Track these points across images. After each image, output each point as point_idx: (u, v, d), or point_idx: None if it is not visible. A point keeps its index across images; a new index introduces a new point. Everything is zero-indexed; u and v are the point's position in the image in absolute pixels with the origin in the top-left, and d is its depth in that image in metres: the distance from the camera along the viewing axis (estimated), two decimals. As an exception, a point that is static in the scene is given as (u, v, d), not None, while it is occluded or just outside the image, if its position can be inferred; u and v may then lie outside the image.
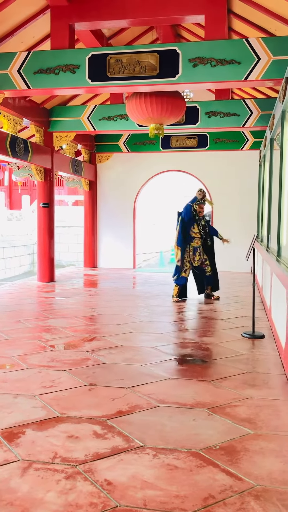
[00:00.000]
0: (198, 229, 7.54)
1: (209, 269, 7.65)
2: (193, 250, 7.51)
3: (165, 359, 4.30)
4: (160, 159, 11.66)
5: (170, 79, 5.78)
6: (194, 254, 7.52)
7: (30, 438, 2.73)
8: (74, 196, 23.92)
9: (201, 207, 7.60)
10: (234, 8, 6.52)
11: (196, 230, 7.52)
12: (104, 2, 6.25)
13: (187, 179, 12.71)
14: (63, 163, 10.00)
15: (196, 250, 7.52)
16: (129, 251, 12.22)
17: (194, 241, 7.51)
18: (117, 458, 2.50)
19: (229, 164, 11.30)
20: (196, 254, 7.52)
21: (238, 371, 3.95)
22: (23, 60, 6.10)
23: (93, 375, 3.83)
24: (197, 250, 7.52)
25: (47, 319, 6.01)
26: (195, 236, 7.51)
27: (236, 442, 2.70)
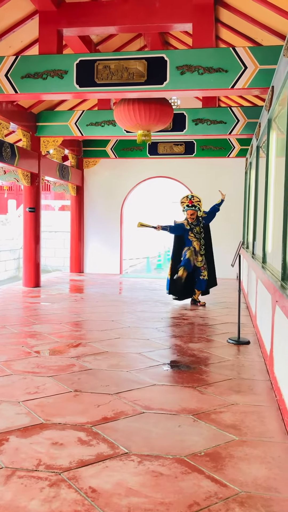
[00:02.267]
0: (194, 235, 7.62)
1: (205, 273, 7.67)
2: (194, 251, 7.58)
3: (151, 365, 4.29)
4: (147, 165, 11.70)
5: (158, 86, 5.81)
6: (196, 255, 7.60)
7: (14, 445, 2.70)
8: (61, 201, 23.85)
9: (190, 213, 7.62)
10: (222, 17, 6.60)
11: (192, 235, 7.62)
12: (92, 8, 6.28)
13: (175, 185, 12.76)
14: (50, 168, 9.97)
15: (197, 252, 7.60)
16: (115, 257, 12.21)
17: (194, 243, 7.60)
18: (102, 465, 2.49)
19: (215, 171, 11.38)
20: (198, 255, 7.61)
21: (224, 377, 3.96)
22: (11, 65, 6.08)
23: (78, 381, 3.80)
24: (198, 252, 7.60)
25: (32, 324, 5.96)
26: (193, 240, 7.61)
27: (221, 448, 2.70)
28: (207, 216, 7.78)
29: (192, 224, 7.66)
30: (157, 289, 9.66)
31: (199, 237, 7.67)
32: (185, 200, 7.72)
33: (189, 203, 7.64)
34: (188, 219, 7.64)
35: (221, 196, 7.94)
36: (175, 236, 7.82)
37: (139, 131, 6.76)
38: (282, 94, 4.24)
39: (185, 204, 7.69)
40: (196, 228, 7.67)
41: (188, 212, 7.62)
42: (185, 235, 7.66)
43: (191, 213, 7.60)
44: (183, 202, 7.72)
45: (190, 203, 7.63)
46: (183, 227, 7.67)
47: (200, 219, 7.73)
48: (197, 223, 7.69)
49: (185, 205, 7.67)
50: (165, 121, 6.73)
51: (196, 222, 7.67)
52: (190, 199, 7.68)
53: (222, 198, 7.93)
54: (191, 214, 7.60)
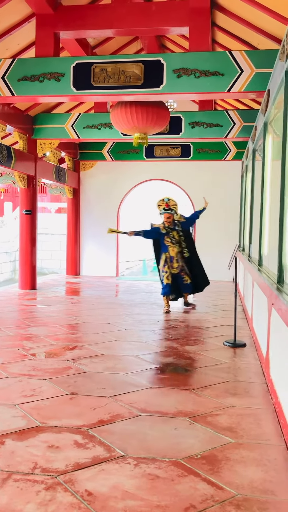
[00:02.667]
0: (170, 240, 7.34)
1: (186, 278, 7.46)
2: (170, 258, 7.34)
3: (147, 368, 4.29)
4: (144, 168, 11.71)
5: (155, 89, 5.82)
6: (171, 261, 7.34)
7: (10, 448, 2.69)
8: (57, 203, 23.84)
9: (166, 217, 7.36)
10: (218, 21, 6.63)
11: (168, 239, 7.34)
12: (89, 11, 6.29)
13: (171, 188, 12.78)
14: (46, 170, 9.97)
15: (172, 258, 7.33)
16: (112, 259, 12.21)
17: (169, 249, 7.33)
18: (98, 468, 2.48)
19: (211, 174, 11.41)
20: (174, 262, 7.35)
21: (220, 380, 3.97)
22: (8, 67, 6.08)
23: (74, 384, 3.80)
24: (174, 258, 7.34)
25: (28, 327, 5.95)
26: (169, 245, 7.34)
27: (217, 451, 2.70)
28: (185, 222, 7.54)
29: (169, 228, 7.37)
30: (154, 292, 9.65)
31: (176, 242, 7.37)
32: (161, 203, 7.43)
33: (165, 206, 7.36)
34: (164, 223, 7.37)
35: (204, 203, 7.84)
36: (154, 241, 7.60)
37: (136, 134, 6.77)
38: (278, 97, 4.27)
39: (161, 207, 7.41)
40: (173, 233, 7.37)
41: (165, 216, 7.35)
42: (161, 239, 7.39)
43: (167, 217, 7.33)
44: (160, 205, 7.43)
45: (167, 206, 7.34)
46: (158, 231, 7.41)
47: (177, 223, 7.46)
48: (174, 227, 7.40)
49: (162, 208, 7.40)
50: (161, 124, 6.75)
51: (172, 226, 7.39)
52: (166, 202, 7.39)
53: (205, 206, 7.82)
54: (167, 217, 7.33)
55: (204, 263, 11.49)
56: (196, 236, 11.89)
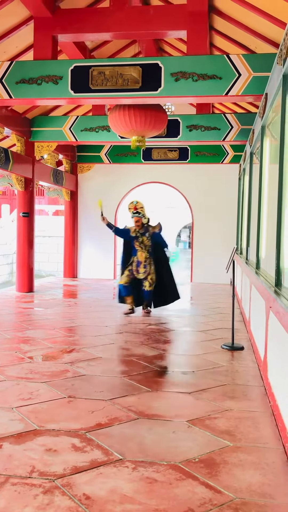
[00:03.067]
0: (139, 244, 7.07)
1: (147, 284, 7.06)
2: (137, 263, 7.03)
3: (145, 371, 4.29)
4: (142, 171, 11.72)
5: (153, 92, 5.84)
6: (138, 266, 7.02)
7: (7, 451, 2.68)
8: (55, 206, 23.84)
9: (135, 220, 7.08)
10: (216, 25, 6.65)
11: (137, 243, 7.08)
12: (87, 15, 6.30)
13: (169, 191, 12.80)
14: (44, 172, 9.96)
15: (140, 263, 7.03)
16: (109, 262, 12.20)
17: (138, 253, 7.05)
18: (96, 471, 2.47)
19: (209, 177, 11.43)
20: (140, 266, 7.02)
21: (218, 383, 3.96)
22: (5, 70, 6.09)
23: (72, 387, 3.79)
24: (141, 263, 7.03)
25: (26, 330, 5.94)
26: (138, 249, 7.08)
27: (215, 454, 2.69)
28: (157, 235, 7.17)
29: (139, 233, 7.09)
30: (151, 295, 9.64)
31: (144, 247, 7.08)
32: (131, 206, 7.15)
33: (134, 209, 7.07)
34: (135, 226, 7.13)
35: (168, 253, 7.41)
36: (124, 242, 7.35)
37: (134, 137, 6.78)
38: (275, 101, 4.28)
39: (131, 211, 7.14)
40: (142, 238, 7.08)
41: (134, 219, 7.09)
42: (131, 242, 7.15)
43: (136, 220, 7.06)
44: (130, 208, 7.17)
45: (135, 209, 7.06)
46: (128, 233, 7.16)
47: (148, 230, 7.14)
48: (144, 233, 7.09)
49: (131, 212, 7.13)
50: (159, 127, 6.76)
51: (143, 230, 7.09)
52: (135, 205, 7.09)
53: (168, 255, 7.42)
54: (136, 221, 7.06)
55: (202, 265, 11.59)
56: (194, 238, 11.91)
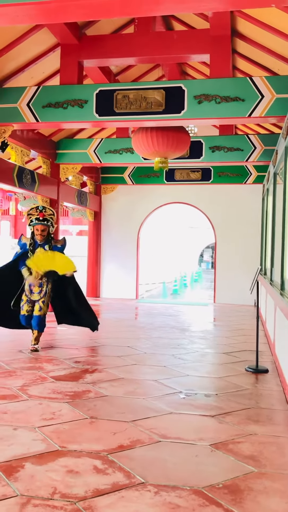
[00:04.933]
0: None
1: (37, 308, 5.79)
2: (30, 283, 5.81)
3: (168, 393, 4.24)
4: (164, 191, 11.81)
5: (176, 115, 5.92)
6: (31, 285, 5.81)
7: (29, 472, 2.67)
8: (79, 226, 24.10)
9: (41, 229, 5.81)
10: (238, 48, 6.74)
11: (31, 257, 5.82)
12: (112, 40, 6.49)
13: (193, 211, 12.83)
14: (69, 194, 10.13)
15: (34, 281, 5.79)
16: (132, 282, 12.23)
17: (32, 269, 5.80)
18: (118, 495, 2.44)
19: (232, 197, 11.43)
20: (34, 286, 5.80)
21: (242, 406, 3.89)
22: (33, 94, 6.28)
23: (94, 408, 3.77)
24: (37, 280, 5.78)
25: (49, 349, 5.96)
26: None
27: (239, 480, 2.63)
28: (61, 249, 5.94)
29: (36, 244, 5.85)
30: (173, 315, 9.61)
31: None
32: (33, 212, 5.86)
33: (40, 216, 5.80)
34: (36, 236, 5.83)
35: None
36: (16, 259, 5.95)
37: (157, 159, 6.86)
38: (299, 122, 4.28)
39: (33, 217, 5.83)
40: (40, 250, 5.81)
41: (38, 228, 5.79)
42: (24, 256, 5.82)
43: (42, 229, 5.79)
44: (31, 215, 5.85)
45: (42, 216, 5.80)
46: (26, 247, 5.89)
47: (50, 241, 5.90)
48: (43, 244, 5.83)
49: (34, 218, 5.83)
50: (182, 149, 6.83)
51: (44, 242, 5.84)
52: (41, 211, 5.82)
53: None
54: (42, 230, 5.79)
55: (225, 286, 11.50)
56: (217, 259, 11.86)
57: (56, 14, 4.03)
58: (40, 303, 5.78)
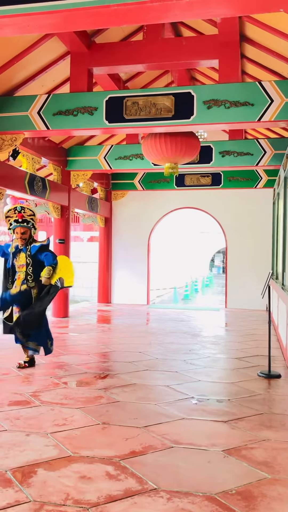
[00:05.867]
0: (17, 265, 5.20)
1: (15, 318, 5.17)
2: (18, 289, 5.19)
3: (180, 398, 4.23)
4: (174, 196, 11.82)
5: (185, 121, 5.93)
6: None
7: (42, 478, 2.68)
8: (90, 232, 24.21)
9: (21, 231, 5.17)
10: (247, 53, 6.75)
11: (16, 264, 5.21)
12: (121, 48, 6.53)
13: (203, 216, 12.82)
14: (79, 200, 10.19)
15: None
16: (143, 287, 12.23)
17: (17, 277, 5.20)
18: (130, 501, 2.44)
19: (242, 202, 11.40)
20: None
21: (254, 412, 3.86)
22: (43, 103, 6.34)
23: (106, 414, 3.77)
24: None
25: (61, 355, 5.98)
26: (18, 271, 5.21)
27: (252, 486, 2.61)
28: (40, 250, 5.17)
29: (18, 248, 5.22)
30: (185, 320, 9.58)
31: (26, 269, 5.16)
32: (11, 213, 5.22)
33: (19, 217, 5.16)
34: (18, 240, 5.19)
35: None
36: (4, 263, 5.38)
37: (166, 164, 6.87)
38: (309, 126, 4.27)
39: (12, 219, 5.21)
40: (20, 254, 5.19)
41: (18, 231, 5.14)
42: (10, 260, 5.24)
43: (22, 231, 5.14)
44: (9, 217, 5.23)
45: (20, 217, 5.15)
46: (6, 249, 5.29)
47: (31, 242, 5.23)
48: (23, 248, 5.20)
49: (13, 221, 5.20)
50: (192, 154, 6.83)
51: (25, 245, 5.20)
52: (20, 211, 5.18)
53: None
54: (22, 232, 5.14)
55: (237, 291, 11.44)
56: (228, 263, 11.82)
57: (65, 23, 4.07)
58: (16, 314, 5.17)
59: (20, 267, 5.17)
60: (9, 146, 6.71)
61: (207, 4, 3.80)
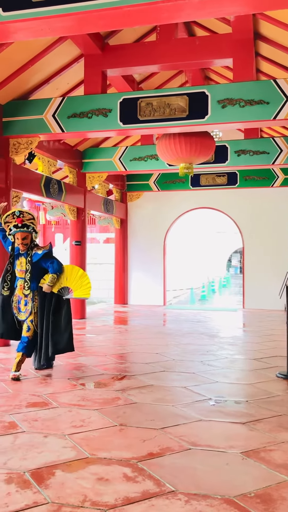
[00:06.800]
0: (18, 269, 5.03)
1: (25, 328, 5.01)
2: (18, 297, 5.03)
3: (197, 400, 4.20)
4: (190, 197, 11.78)
5: (200, 120, 5.91)
6: (18, 302, 5.04)
7: (60, 479, 2.68)
8: (106, 233, 24.30)
9: (22, 237, 4.95)
10: (262, 51, 6.69)
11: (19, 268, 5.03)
12: (135, 49, 6.54)
13: (219, 215, 12.75)
14: (95, 202, 10.22)
15: (21, 298, 5.02)
16: (159, 288, 12.21)
17: (19, 283, 5.03)
18: (148, 503, 2.43)
19: (259, 201, 11.30)
20: (21, 302, 5.02)
21: (273, 413, 3.82)
22: (58, 105, 6.38)
23: (123, 415, 3.77)
24: (22, 298, 5.01)
25: (78, 356, 6.01)
26: (20, 276, 5.03)
27: (272, 489, 2.58)
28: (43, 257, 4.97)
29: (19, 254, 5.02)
30: (202, 321, 9.53)
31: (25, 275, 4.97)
32: (10, 219, 5.03)
33: (18, 222, 4.94)
34: (19, 246, 4.97)
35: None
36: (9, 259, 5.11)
37: (181, 164, 6.85)
38: None
39: (11, 225, 5.00)
40: (21, 258, 5.01)
41: (19, 236, 4.93)
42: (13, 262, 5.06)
43: (22, 237, 4.93)
44: (8, 222, 5.03)
45: (20, 222, 4.93)
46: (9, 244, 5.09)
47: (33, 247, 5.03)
48: (25, 253, 5.01)
49: (12, 226, 4.99)
50: (207, 154, 6.80)
51: (26, 250, 5.00)
52: (19, 216, 4.96)
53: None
54: (22, 238, 4.93)
55: (254, 291, 11.35)
56: (245, 263, 11.73)
57: (79, 26, 4.09)
58: (28, 323, 5.00)
59: (20, 273, 5.00)
60: (25, 149, 6.77)
61: (220, 2, 3.78)
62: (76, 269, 5.21)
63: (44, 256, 5.00)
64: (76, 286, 5.08)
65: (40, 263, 4.99)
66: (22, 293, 5.00)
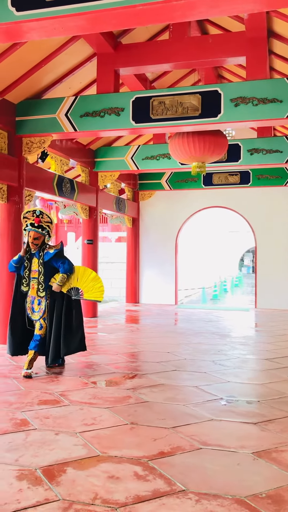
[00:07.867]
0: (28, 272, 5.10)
1: (37, 326, 5.08)
2: (32, 298, 5.10)
3: (208, 399, 4.19)
4: (202, 196, 11.74)
5: (212, 119, 5.88)
6: (32, 303, 5.10)
7: (71, 477, 2.70)
8: (117, 232, 24.33)
9: (34, 236, 5.04)
10: (275, 49, 6.64)
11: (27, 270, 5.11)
12: (147, 48, 6.53)
13: (232, 215, 12.69)
14: (107, 201, 10.24)
15: (34, 298, 5.08)
16: (171, 287, 12.19)
17: (31, 283, 5.08)
18: (159, 502, 2.43)
19: (272, 200, 11.23)
20: (35, 303, 5.09)
21: (285, 414, 3.79)
22: (71, 105, 6.40)
23: (134, 414, 3.77)
24: (36, 298, 5.08)
25: (89, 355, 6.03)
26: (33, 277, 5.10)
27: (283, 490, 2.56)
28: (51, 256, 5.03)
29: (31, 254, 5.11)
30: (213, 321, 9.50)
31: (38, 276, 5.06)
32: (29, 215, 5.09)
33: (36, 221, 5.04)
34: (29, 244, 5.07)
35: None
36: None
37: (194, 163, 6.83)
38: None
39: (28, 222, 5.07)
40: (33, 259, 5.09)
41: (32, 235, 5.02)
42: (21, 267, 5.12)
43: (34, 236, 5.02)
44: (27, 218, 5.09)
45: (37, 222, 5.03)
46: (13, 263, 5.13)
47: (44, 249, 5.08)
48: (37, 253, 5.08)
49: (29, 223, 5.06)
50: (219, 153, 6.77)
51: (37, 251, 5.08)
52: (38, 216, 5.06)
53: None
54: (34, 237, 5.02)
55: (267, 291, 11.28)
56: (257, 263, 11.66)
57: (91, 25, 4.09)
58: (41, 321, 5.09)
59: (34, 273, 5.07)
60: (38, 148, 6.80)
61: (234, 0, 3.76)
62: (89, 271, 5.25)
63: (56, 255, 5.06)
64: (88, 288, 5.14)
65: (52, 262, 5.07)
66: (36, 294, 5.07)
